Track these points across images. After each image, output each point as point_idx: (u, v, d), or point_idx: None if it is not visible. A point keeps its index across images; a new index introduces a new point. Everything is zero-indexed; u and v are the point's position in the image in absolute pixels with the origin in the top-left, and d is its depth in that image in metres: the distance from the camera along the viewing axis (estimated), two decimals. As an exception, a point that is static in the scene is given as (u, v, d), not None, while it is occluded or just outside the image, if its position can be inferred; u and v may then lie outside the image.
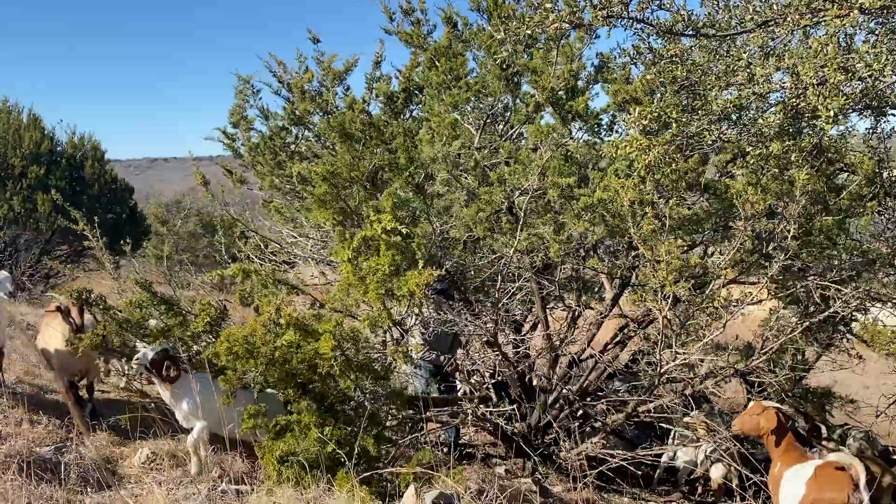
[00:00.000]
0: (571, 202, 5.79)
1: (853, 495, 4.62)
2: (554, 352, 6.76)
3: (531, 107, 6.94)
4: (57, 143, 18.72)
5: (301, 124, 8.68)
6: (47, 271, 15.59)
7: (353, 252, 5.13)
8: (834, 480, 4.69)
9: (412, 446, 6.47)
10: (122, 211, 19.23)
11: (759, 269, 6.06)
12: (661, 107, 5.02)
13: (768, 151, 5.00)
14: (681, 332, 5.81)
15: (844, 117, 5.04)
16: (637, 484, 7.05)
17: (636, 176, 5.27)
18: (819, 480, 4.73)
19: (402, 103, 8.70)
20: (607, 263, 6.80)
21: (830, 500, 4.63)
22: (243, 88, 8.71)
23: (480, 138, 6.92)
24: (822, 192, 5.36)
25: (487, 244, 6.51)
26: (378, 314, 5.17)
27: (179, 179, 39.51)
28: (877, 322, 7.08)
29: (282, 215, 8.39)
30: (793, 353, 7.15)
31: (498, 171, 6.22)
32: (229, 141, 9.16)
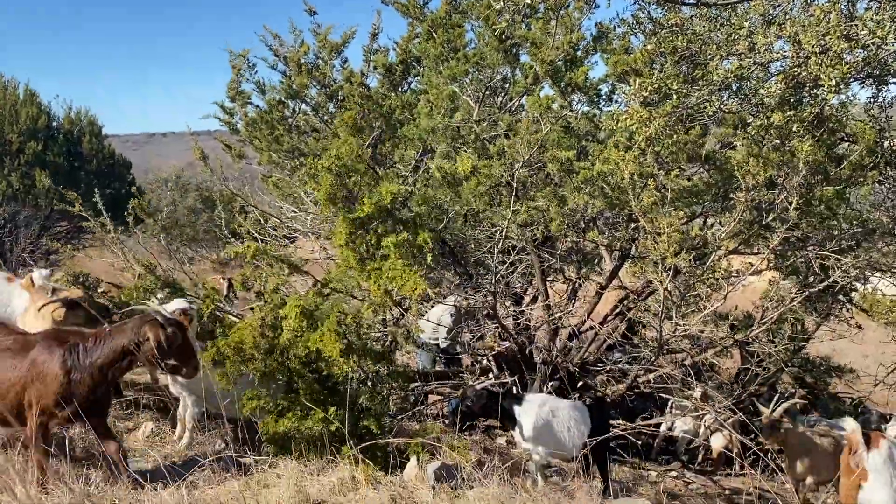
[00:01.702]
0: (571, 175, 5.77)
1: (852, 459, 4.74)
2: (554, 324, 6.79)
3: (530, 78, 6.88)
4: (54, 118, 18.60)
5: (298, 98, 8.61)
6: (48, 248, 15.59)
7: (348, 237, 5.17)
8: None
9: (415, 419, 6.54)
10: (121, 186, 19.16)
11: (760, 240, 6.06)
12: (662, 78, 4.97)
13: (769, 122, 4.96)
14: (681, 304, 5.83)
15: (846, 86, 4.99)
16: (637, 454, 7.12)
17: (636, 148, 5.24)
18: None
19: (401, 75, 8.62)
20: (607, 236, 6.80)
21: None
22: (239, 63, 8.62)
23: (479, 111, 6.87)
24: (822, 162, 5.33)
25: (487, 217, 6.50)
26: (380, 300, 5.21)
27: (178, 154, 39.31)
28: (876, 291, 7.10)
29: (281, 190, 8.36)
30: (792, 324, 7.19)
31: (497, 144, 6.18)
32: (227, 116, 9.10)
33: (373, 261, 5.26)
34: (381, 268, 5.09)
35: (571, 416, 5.60)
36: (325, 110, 8.62)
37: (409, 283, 4.91)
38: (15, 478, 3.71)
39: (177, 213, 17.59)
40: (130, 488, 4.11)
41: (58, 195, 9.13)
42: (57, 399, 4.28)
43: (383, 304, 5.30)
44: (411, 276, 4.95)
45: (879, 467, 4.68)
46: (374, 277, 5.11)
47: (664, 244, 5.19)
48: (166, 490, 4.01)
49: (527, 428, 5.47)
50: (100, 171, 18.52)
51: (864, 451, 4.73)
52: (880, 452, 4.74)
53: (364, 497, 4.04)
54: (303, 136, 8.61)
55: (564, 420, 5.55)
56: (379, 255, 5.24)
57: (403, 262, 5.02)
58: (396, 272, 5.01)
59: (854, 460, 4.77)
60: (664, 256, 5.27)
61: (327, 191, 5.28)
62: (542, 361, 6.75)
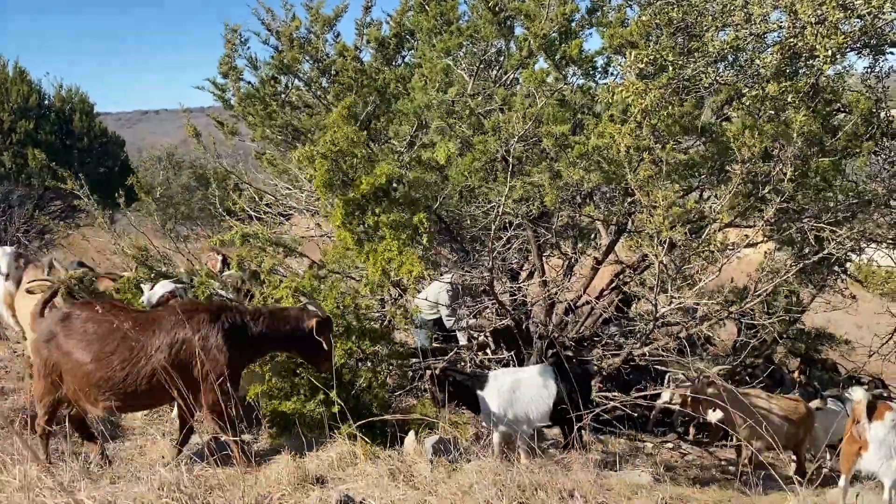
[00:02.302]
0: (567, 150, 5.74)
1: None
2: (550, 299, 6.80)
3: (524, 51, 6.81)
4: (45, 96, 18.42)
5: (290, 73, 8.52)
6: (42, 227, 15.52)
7: (344, 217, 5.16)
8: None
9: (413, 395, 6.58)
10: (114, 164, 19.03)
11: (755, 213, 6.05)
12: (657, 50, 4.94)
13: (765, 93, 4.93)
14: (676, 277, 5.84)
15: (842, 56, 4.96)
16: (633, 426, 7.17)
17: (632, 121, 5.21)
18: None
19: (394, 49, 8.54)
20: (603, 210, 6.79)
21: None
22: (232, 38, 8.51)
23: (474, 85, 6.81)
24: (818, 133, 5.31)
25: (483, 193, 6.47)
26: (378, 281, 5.22)
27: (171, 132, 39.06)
28: (871, 262, 7.12)
29: (275, 167, 8.31)
30: (787, 295, 7.22)
31: (492, 119, 6.14)
32: (220, 92, 9.01)
33: (370, 241, 5.26)
34: (378, 249, 5.09)
35: (534, 385, 5.45)
36: (317, 85, 8.53)
37: (406, 264, 4.93)
38: (27, 455, 3.73)
39: (171, 191, 17.50)
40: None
41: (51, 172, 9.03)
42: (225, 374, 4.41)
43: (381, 285, 5.32)
44: (408, 257, 4.96)
45: (881, 438, 4.75)
46: (371, 259, 5.12)
47: (660, 218, 5.18)
48: (165, 467, 4.03)
49: (491, 411, 5.37)
50: (92, 150, 18.39)
51: (867, 422, 4.80)
52: (884, 423, 4.80)
53: (363, 471, 4.07)
54: (296, 111, 8.54)
55: (527, 391, 5.41)
56: (377, 236, 5.23)
57: (400, 243, 5.02)
58: (393, 253, 5.02)
59: (857, 430, 4.84)
60: (660, 230, 5.26)
61: (323, 177, 5.25)
62: (538, 336, 6.78)
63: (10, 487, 3.16)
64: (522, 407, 5.37)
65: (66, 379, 4.42)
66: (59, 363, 4.43)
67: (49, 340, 4.48)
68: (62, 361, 4.42)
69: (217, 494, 3.45)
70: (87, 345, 4.41)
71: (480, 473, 3.82)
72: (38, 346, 4.53)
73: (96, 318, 4.50)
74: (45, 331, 4.53)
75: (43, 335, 4.52)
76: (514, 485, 3.68)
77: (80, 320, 4.51)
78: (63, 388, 4.43)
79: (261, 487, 3.72)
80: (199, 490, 3.48)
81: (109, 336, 4.42)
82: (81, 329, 4.47)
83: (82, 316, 4.54)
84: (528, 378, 5.53)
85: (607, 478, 4.95)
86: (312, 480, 3.87)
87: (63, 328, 4.48)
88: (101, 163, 18.28)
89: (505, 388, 5.38)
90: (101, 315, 4.52)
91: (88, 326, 4.47)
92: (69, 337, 4.45)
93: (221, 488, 3.59)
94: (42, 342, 4.51)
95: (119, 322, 4.45)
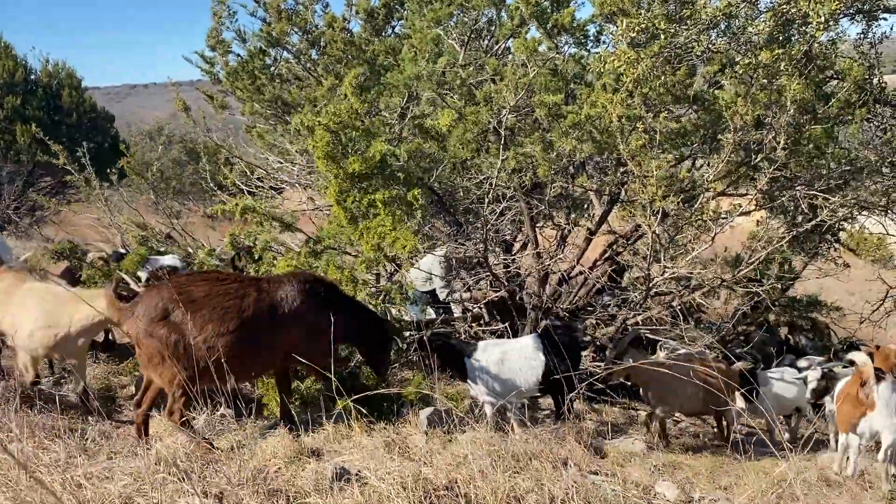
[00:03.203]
0: (559, 120, 5.71)
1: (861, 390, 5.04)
2: (544, 270, 6.81)
3: (516, 20, 6.74)
4: (31, 71, 18.20)
5: (279, 46, 8.43)
6: (32, 204, 15.43)
7: (339, 194, 5.14)
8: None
9: (408, 367, 6.61)
10: (104, 140, 18.87)
11: (748, 181, 6.05)
12: (649, 18, 4.88)
13: (757, 60, 4.90)
14: (669, 246, 5.85)
15: (835, 23, 4.91)
16: (627, 394, 7.23)
17: (624, 90, 5.17)
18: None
19: (384, 19, 8.44)
20: (596, 180, 6.77)
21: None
22: (219, 10, 8.39)
23: (465, 55, 6.75)
24: (810, 100, 5.28)
25: (476, 165, 6.45)
26: (373, 257, 5.22)
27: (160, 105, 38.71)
28: (863, 230, 7.14)
29: (265, 141, 8.25)
30: (780, 263, 7.24)
31: (484, 90, 6.09)
32: (208, 66, 8.91)
33: (365, 218, 5.24)
34: (371, 225, 5.07)
35: (522, 356, 5.46)
36: (307, 57, 8.44)
37: (401, 239, 4.91)
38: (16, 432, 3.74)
39: (162, 166, 17.39)
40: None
41: (41, 147, 8.96)
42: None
43: (376, 261, 5.32)
44: (402, 232, 4.94)
45: (886, 398, 4.90)
46: (365, 235, 5.11)
47: (652, 187, 5.18)
48: (162, 442, 4.06)
49: (478, 381, 5.39)
50: (81, 125, 18.22)
51: (874, 384, 4.92)
52: (888, 385, 4.96)
53: (358, 444, 4.10)
54: (285, 84, 8.46)
55: (515, 362, 5.43)
56: (371, 212, 5.21)
57: (393, 219, 5.00)
58: (387, 228, 5.00)
59: (864, 391, 4.98)
60: (652, 200, 5.26)
61: (324, 149, 5.19)
62: (532, 307, 6.80)
63: (7, 465, 3.17)
64: (510, 377, 5.39)
65: (193, 355, 4.19)
66: (181, 340, 4.18)
67: (165, 318, 4.23)
68: (190, 337, 4.17)
69: (213, 469, 3.47)
70: (221, 315, 4.27)
71: (475, 444, 3.85)
72: (151, 327, 4.22)
73: (215, 289, 4.36)
74: (154, 310, 4.24)
75: (153, 314, 4.24)
76: (509, 455, 3.71)
77: (198, 293, 4.33)
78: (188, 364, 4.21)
79: (257, 461, 3.75)
80: (196, 465, 3.50)
81: (239, 306, 4.32)
82: (207, 301, 4.30)
83: (199, 289, 4.35)
84: (517, 349, 5.53)
85: (601, 446, 5.02)
86: (308, 453, 3.90)
87: (182, 302, 4.24)
88: (90, 138, 18.09)
89: (493, 358, 5.40)
90: (219, 286, 4.39)
91: (214, 299, 4.31)
92: (195, 311, 4.23)
93: (217, 462, 3.62)
94: (156, 322, 4.22)
95: (243, 291, 4.37)
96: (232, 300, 4.33)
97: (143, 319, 4.23)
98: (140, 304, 4.31)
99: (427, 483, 3.26)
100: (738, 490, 4.12)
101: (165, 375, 4.26)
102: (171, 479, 3.20)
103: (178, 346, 4.19)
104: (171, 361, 4.20)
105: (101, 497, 3.03)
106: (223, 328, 4.25)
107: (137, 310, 4.28)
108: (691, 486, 4.25)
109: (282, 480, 3.43)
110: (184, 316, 4.19)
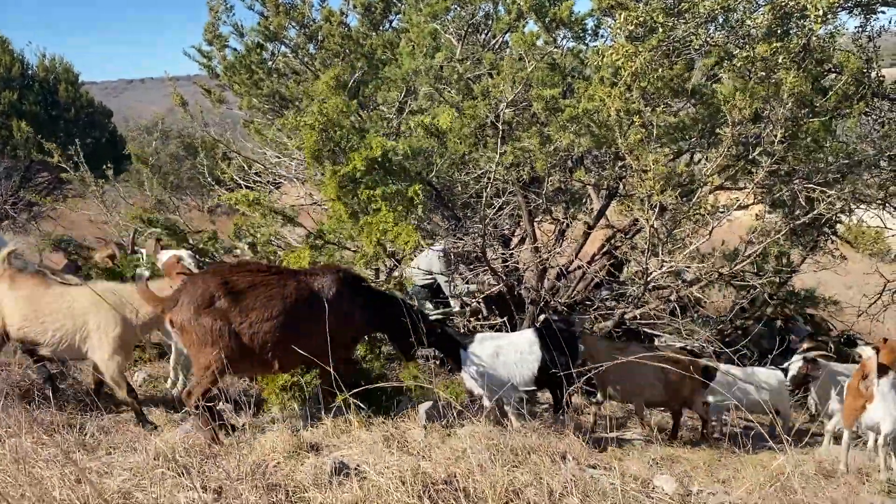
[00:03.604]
0: (557, 114, 5.70)
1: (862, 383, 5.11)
2: (542, 264, 6.81)
3: (514, 14, 6.73)
4: (28, 66, 18.13)
5: (276, 40, 8.40)
6: (30, 199, 15.41)
7: (338, 191, 5.14)
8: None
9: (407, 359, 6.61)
10: (101, 135, 18.81)
11: (746, 175, 6.04)
12: (647, 11, 4.88)
13: (755, 54, 4.89)
14: (667, 241, 5.85)
15: (833, 16, 4.91)
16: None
17: (622, 84, 5.16)
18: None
19: (381, 14, 8.42)
20: (594, 175, 6.77)
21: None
22: (216, 4, 8.37)
23: (462, 49, 6.73)
24: (808, 93, 5.28)
25: (474, 160, 6.44)
26: (373, 253, 5.22)
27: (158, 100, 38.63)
28: (861, 223, 7.14)
29: (262, 136, 8.24)
30: (777, 256, 7.25)
31: (482, 84, 6.08)
32: (205, 60, 8.89)
33: (365, 214, 5.25)
34: (373, 221, 5.08)
35: (517, 351, 5.43)
36: (304, 51, 8.42)
37: (402, 235, 4.92)
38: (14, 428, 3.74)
39: (160, 161, 17.36)
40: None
41: (36, 146, 8.93)
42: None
43: (376, 256, 5.32)
44: (404, 228, 4.95)
45: (885, 392, 4.95)
46: (366, 231, 5.11)
47: (650, 181, 5.17)
48: (160, 436, 4.06)
49: (473, 373, 5.36)
50: (79, 120, 18.15)
51: (875, 377, 4.96)
52: (888, 380, 5.00)
53: (357, 438, 4.10)
54: (283, 78, 8.44)
55: (510, 357, 5.40)
56: (371, 208, 5.22)
57: (396, 215, 5.01)
58: (388, 225, 5.01)
59: (865, 384, 5.01)
60: (650, 194, 5.26)
61: (311, 148, 5.21)
62: (530, 301, 6.80)
63: (5, 461, 3.18)
64: (505, 371, 5.38)
65: (236, 341, 4.31)
66: (226, 326, 4.28)
67: (211, 306, 4.29)
68: (235, 323, 4.28)
69: (212, 463, 3.48)
70: (265, 303, 4.38)
71: (474, 438, 3.86)
72: (197, 314, 4.27)
73: (257, 279, 4.46)
74: (200, 297, 4.30)
75: (199, 302, 4.29)
76: (508, 449, 3.72)
77: (242, 282, 4.41)
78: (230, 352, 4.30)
79: (256, 456, 3.75)
80: (195, 459, 3.50)
81: (281, 294, 4.46)
82: (251, 290, 4.40)
83: (243, 278, 4.43)
84: (512, 343, 5.52)
85: (599, 439, 5.03)
86: (307, 448, 3.90)
87: (227, 290, 4.33)
88: (88, 133, 18.06)
89: (488, 352, 5.40)
90: (261, 276, 4.49)
91: (259, 290, 4.41)
92: (242, 298, 4.33)
93: (216, 457, 3.62)
94: (203, 309, 4.27)
95: (284, 281, 4.50)
96: (274, 289, 4.47)
97: (189, 307, 4.33)
98: (184, 293, 4.39)
99: (426, 477, 3.27)
100: (737, 483, 4.13)
101: (202, 361, 4.36)
102: (170, 474, 3.20)
103: (224, 332, 4.31)
104: (213, 347, 4.31)
105: (100, 492, 3.03)
106: (267, 314, 4.38)
107: (182, 297, 4.37)
108: (689, 479, 4.26)
109: (281, 475, 3.43)
110: (229, 303, 4.32)
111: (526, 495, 3.19)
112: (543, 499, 3.17)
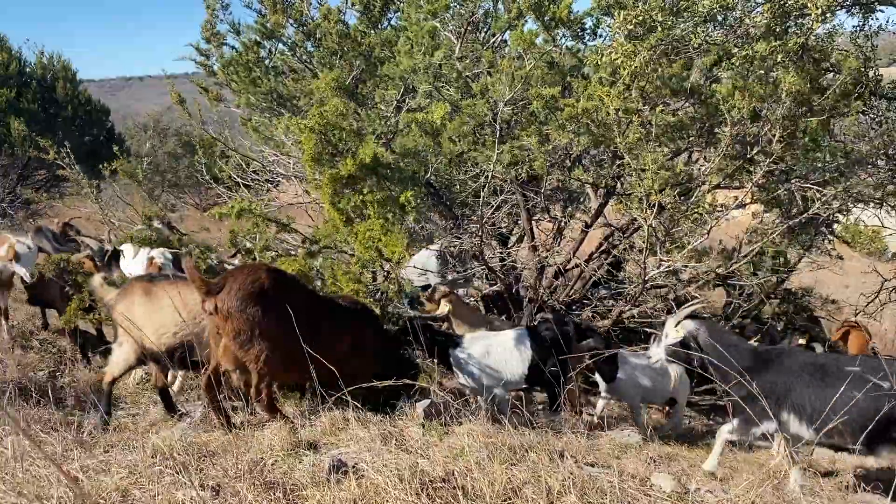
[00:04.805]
0: (556, 113, 5.70)
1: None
2: (540, 263, 6.81)
3: (513, 12, 6.72)
4: (25, 63, 18.10)
5: (274, 38, 8.38)
6: (27, 196, 15.39)
7: (333, 195, 5.15)
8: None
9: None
10: (100, 133, 18.79)
11: (744, 174, 6.05)
12: (646, 10, 4.88)
13: (754, 52, 4.89)
14: (665, 240, 5.85)
15: (832, 14, 4.91)
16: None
17: (621, 83, 5.17)
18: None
19: (380, 11, 8.39)
20: (592, 173, 6.77)
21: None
22: (213, 2, 8.33)
23: (461, 47, 6.72)
24: (807, 93, 5.28)
25: (472, 158, 6.43)
26: (368, 258, 5.24)
27: (156, 98, 38.55)
28: (858, 222, 7.15)
29: (260, 134, 8.23)
30: (774, 256, 7.26)
31: (480, 83, 6.08)
32: (203, 58, 8.86)
33: (360, 220, 5.26)
34: (361, 230, 5.12)
35: (507, 349, 5.45)
36: (302, 49, 8.40)
37: (390, 245, 4.95)
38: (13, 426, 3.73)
39: (157, 159, 17.34)
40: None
41: (33, 143, 8.88)
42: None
43: (372, 261, 5.35)
44: (392, 237, 4.98)
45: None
46: (359, 237, 5.14)
47: (649, 181, 5.17)
48: (158, 434, 4.05)
49: (463, 372, 5.40)
50: (77, 118, 18.13)
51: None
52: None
53: (355, 436, 4.10)
54: (280, 76, 8.42)
55: (500, 354, 5.42)
56: (363, 214, 5.24)
57: (385, 223, 5.04)
58: (376, 233, 5.04)
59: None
60: (649, 193, 5.26)
61: (310, 152, 5.21)
62: (528, 300, 6.81)
63: (2, 458, 3.17)
64: (495, 369, 5.39)
65: (268, 341, 4.20)
66: (273, 319, 4.16)
67: (262, 296, 4.19)
68: (274, 322, 4.15)
69: (210, 461, 3.47)
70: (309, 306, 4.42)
71: (472, 436, 3.86)
72: (244, 303, 4.13)
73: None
74: (250, 286, 4.16)
75: (249, 290, 4.16)
76: (506, 447, 3.72)
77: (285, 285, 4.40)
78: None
79: (253, 454, 3.74)
80: (192, 457, 3.50)
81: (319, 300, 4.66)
82: (293, 291, 4.42)
83: (286, 282, 4.46)
84: (502, 342, 5.53)
85: (597, 438, 5.03)
86: (305, 446, 3.90)
87: (276, 285, 4.25)
88: (86, 131, 18.05)
89: (478, 350, 5.40)
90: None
91: (296, 295, 4.40)
92: (284, 296, 4.23)
93: (214, 455, 3.62)
94: (251, 298, 4.15)
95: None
96: (314, 295, 4.65)
97: (237, 295, 4.16)
98: (232, 280, 4.22)
99: (424, 475, 3.27)
100: (734, 481, 4.14)
101: (252, 353, 4.23)
102: (168, 472, 3.20)
103: (270, 325, 4.18)
104: (258, 340, 4.19)
105: (98, 490, 3.03)
106: (311, 318, 4.33)
107: (230, 284, 4.20)
108: (687, 477, 4.26)
109: (279, 473, 3.43)
110: (279, 297, 4.21)
111: (524, 493, 3.19)
112: (542, 497, 3.17)
